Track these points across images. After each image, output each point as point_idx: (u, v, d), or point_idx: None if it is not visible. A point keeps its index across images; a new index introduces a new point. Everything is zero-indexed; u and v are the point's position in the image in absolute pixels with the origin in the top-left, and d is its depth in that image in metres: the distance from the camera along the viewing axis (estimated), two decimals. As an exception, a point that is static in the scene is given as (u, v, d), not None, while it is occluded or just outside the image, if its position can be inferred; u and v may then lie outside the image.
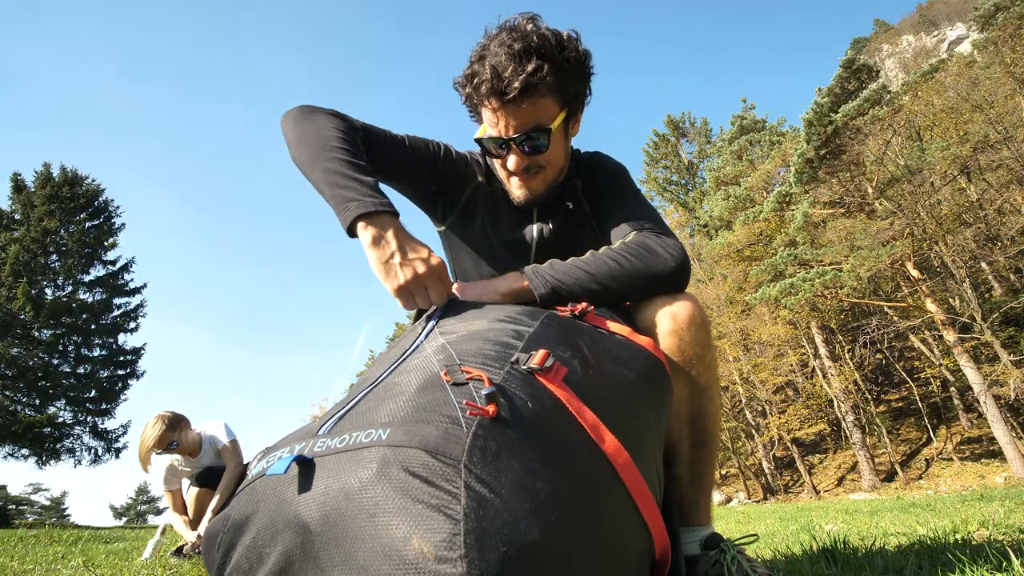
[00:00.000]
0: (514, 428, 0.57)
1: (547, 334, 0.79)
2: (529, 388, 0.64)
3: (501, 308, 0.89)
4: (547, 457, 0.57)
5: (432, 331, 0.83)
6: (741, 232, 18.73)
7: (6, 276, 17.53)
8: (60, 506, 41.44)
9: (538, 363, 0.66)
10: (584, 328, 0.88)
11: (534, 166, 1.17)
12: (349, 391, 0.83)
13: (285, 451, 0.61)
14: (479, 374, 0.63)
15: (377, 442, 0.55)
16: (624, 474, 0.64)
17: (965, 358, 13.33)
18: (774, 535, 2.82)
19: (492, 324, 0.80)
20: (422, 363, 0.71)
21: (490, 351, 0.71)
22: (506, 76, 1.04)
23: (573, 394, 0.66)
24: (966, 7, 41.23)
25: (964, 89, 15.52)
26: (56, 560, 2.51)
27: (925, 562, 1.21)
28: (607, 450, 0.63)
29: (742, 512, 8.48)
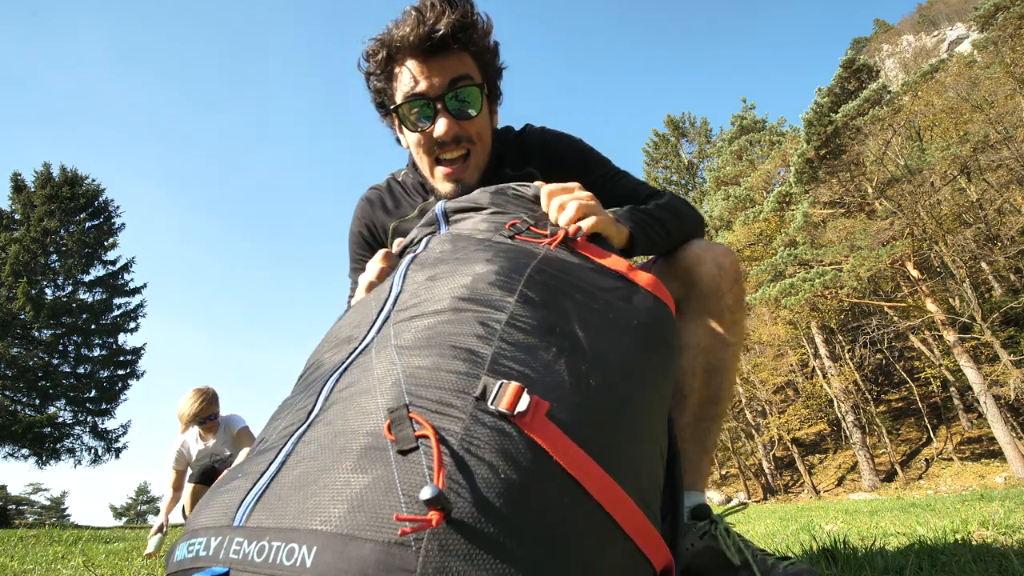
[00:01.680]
0: (485, 521, 0.43)
1: (526, 321, 0.61)
2: (501, 444, 0.48)
3: (464, 264, 0.70)
4: (530, 546, 0.45)
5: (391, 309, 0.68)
6: (741, 232, 18.72)
7: (6, 276, 17.54)
8: (60, 506, 41.43)
9: (508, 406, 0.50)
10: (574, 279, 0.69)
11: (464, 138, 1.03)
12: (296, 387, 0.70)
13: (202, 543, 0.49)
14: (430, 431, 0.47)
15: (299, 572, 0.42)
16: (624, 522, 0.53)
17: (965, 358, 13.33)
18: (774, 535, 2.82)
19: (455, 304, 0.63)
20: (363, 396, 0.55)
21: (448, 375, 0.54)
22: (430, 18, 0.95)
23: (559, 432, 0.51)
24: (966, 7, 41.25)
25: (964, 89, 15.53)
26: (56, 560, 2.51)
27: (925, 562, 1.21)
28: (604, 501, 0.52)
29: (742, 512, 8.47)
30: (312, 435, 0.54)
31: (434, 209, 0.90)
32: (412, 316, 0.64)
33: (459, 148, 1.04)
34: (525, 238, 0.76)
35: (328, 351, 0.69)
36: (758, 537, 2.86)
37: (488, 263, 0.69)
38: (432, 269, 0.71)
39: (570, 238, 0.75)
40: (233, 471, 0.59)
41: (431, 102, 0.99)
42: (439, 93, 0.98)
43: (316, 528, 0.44)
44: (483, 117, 1.05)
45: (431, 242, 0.81)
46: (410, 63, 0.99)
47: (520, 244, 0.74)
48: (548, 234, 0.76)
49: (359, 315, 0.72)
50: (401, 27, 0.96)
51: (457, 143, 1.03)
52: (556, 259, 0.71)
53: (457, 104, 1.00)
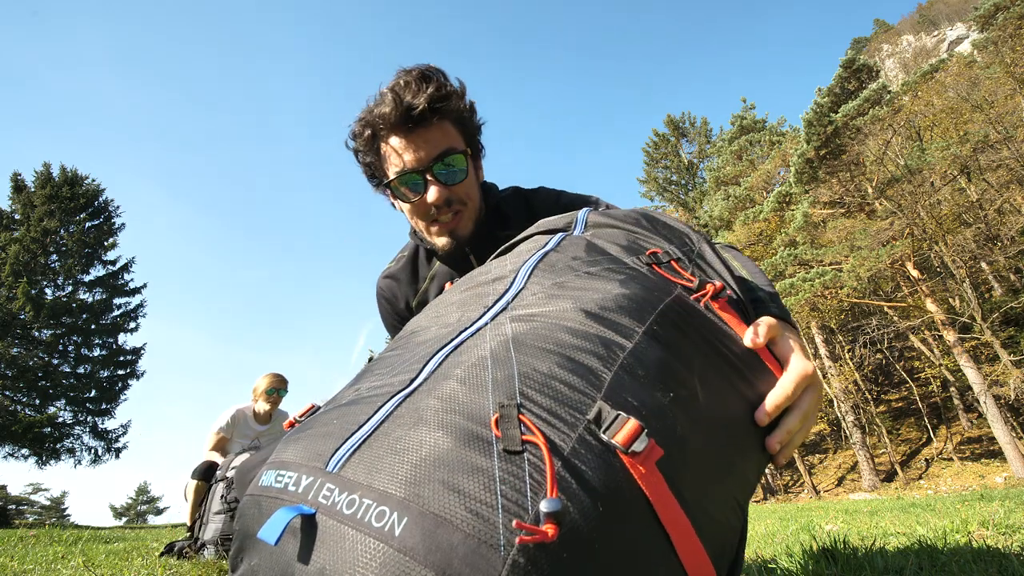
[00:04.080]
0: (574, 544, 0.42)
1: (649, 356, 0.57)
2: (605, 476, 0.46)
3: (600, 279, 0.66)
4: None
5: (513, 297, 0.66)
6: (741, 232, 18.72)
7: (6, 276, 17.53)
8: (60, 506, 41.42)
9: (624, 442, 0.47)
10: (704, 330, 0.65)
11: (455, 200, 1.09)
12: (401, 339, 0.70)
13: (292, 479, 0.50)
14: (540, 441, 0.45)
15: (387, 537, 0.42)
16: (695, 571, 0.50)
17: (965, 358, 13.33)
18: (774, 535, 2.82)
19: (581, 318, 0.59)
20: (475, 376, 0.54)
21: (563, 388, 0.51)
22: (407, 97, 1.01)
23: (664, 484, 0.49)
24: (966, 7, 41.23)
25: (964, 89, 15.52)
26: (56, 560, 2.51)
27: (925, 562, 1.21)
28: (688, 564, 0.49)
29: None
30: (416, 403, 0.53)
31: (577, 213, 0.87)
32: (533, 315, 0.62)
33: (451, 210, 1.10)
34: (664, 272, 0.71)
35: (434, 322, 0.69)
36: (758, 537, 2.86)
37: (622, 285, 0.65)
38: (561, 276, 0.69)
39: (715, 295, 0.68)
40: (327, 409, 0.60)
41: (420, 174, 1.05)
42: (426, 165, 1.04)
43: (407, 496, 0.44)
44: (470, 179, 1.11)
45: (563, 242, 0.78)
46: (394, 140, 1.05)
47: (657, 276, 0.70)
48: (690, 276, 0.71)
49: (472, 295, 0.71)
50: (380, 107, 1.03)
51: (448, 206, 1.09)
52: (690, 305, 0.66)
53: (444, 171, 1.06)
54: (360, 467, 0.48)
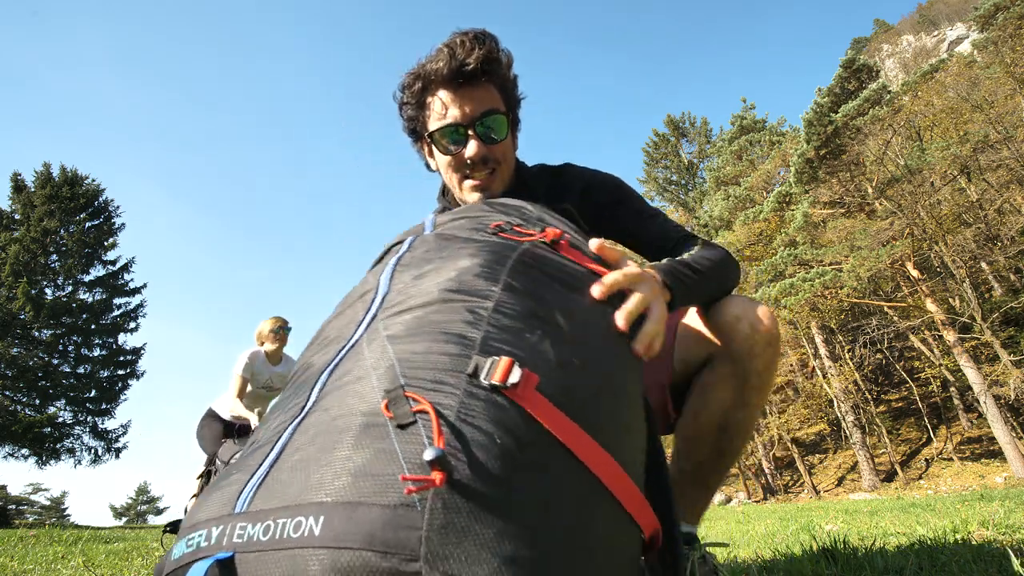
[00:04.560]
0: (484, 482, 0.46)
1: (511, 307, 0.64)
2: (495, 414, 0.51)
3: (450, 261, 0.73)
4: (526, 506, 0.47)
5: (377, 309, 0.69)
6: (741, 232, 18.72)
7: (6, 276, 17.53)
8: (60, 506, 41.41)
9: (501, 378, 0.53)
10: (555, 271, 0.73)
11: (491, 159, 1.14)
12: (287, 388, 0.70)
13: (203, 534, 0.49)
14: (427, 406, 0.49)
15: (308, 542, 0.43)
16: (612, 486, 0.56)
17: (965, 358, 13.33)
18: (774, 535, 2.82)
19: (443, 296, 0.65)
20: (359, 382, 0.57)
21: (441, 357, 0.57)
22: (461, 55, 1.05)
23: (548, 404, 0.54)
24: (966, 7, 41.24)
25: (964, 89, 15.53)
26: (56, 560, 2.51)
27: (925, 562, 1.21)
28: (592, 465, 0.55)
29: (742, 512, 8.48)
30: (308, 423, 0.55)
31: (427, 217, 0.97)
32: (400, 311, 0.66)
33: (487, 167, 1.14)
34: (508, 235, 0.79)
35: (316, 353, 0.70)
36: (758, 537, 2.86)
37: (472, 257, 0.72)
38: (418, 268, 0.74)
39: (556, 240, 0.78)
40: (228, 468, 0.60)
41: (463, 128, 1.09)
42: (469, 121, 1.09)
43: (321, 500, 0.46)
44: (508, 141, 1.16)
45: (415, 242, 0.84)
46: (442, 93, 1.09)
47: (503, 240, 0.77)
48: (531, 231, 0.80)
49: (345, 317, 0.74)
50: (434, 61, 1.07)
51: (484, 163, 1.14)
52: (538, 253, 0.75)
53: (485, 130, 1.11)
54: (266, 497, 0.49)
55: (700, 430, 1.08)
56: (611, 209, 1.20)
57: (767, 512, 7.43)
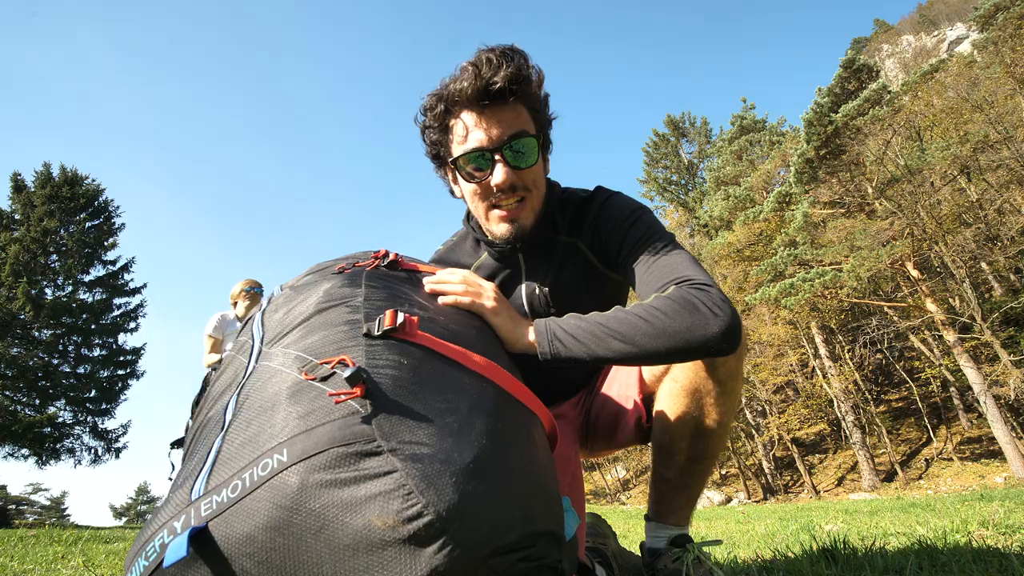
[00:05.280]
0: (402, 386, 0.61)
1: (376, 294, 0.82)
2: (394, 349, 0.67)
3: (313, 291, 0.87)
4: (440, 394, 0.62)
5: (261, 345, 0.80)
6: (741, 232, 18.71)
7: (6, 276, 17.52)
8: (60, 506, 41.39)
9: (390, 323, 0.69)
10: (401, 277, 0.95)
11: (520, 186, 1.05)
12: (189, 441, 0.77)
13: (164, 534, 0.53)
14: (341, 359, 0.63)
15: (279, 467, 0.51)
16: (499, 379, 0.72)
17: (965, 358, 13.32)
18: (774, 535, 2.82)
19: (319, 308, 0.79)
20: (273, 376, 0.67)
21: (337, 334, 0.70)
22: (487, 72, 0.97)
23: (431, 336, 0.72)
24: (966, 7, 41.23)
25: (964, 89, 15.52)
26: (56, 560, 2.51)
27: (925, 562, 1.21)
28: (480, 367, 0.71)
29: (742, 512, 8.48)
30: (235, 424, 0.63)
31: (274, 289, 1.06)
32: (284, 333, 0.78)
33: (515, 195, 1.06)
34: (351, 269, 0.95)
35: (212, 406, 0.77)
36: (758, 537, 2.86)
37: (330, 281, 0.88)
38: (286, 307, 0.87)
39: (392, 261, 0.98)
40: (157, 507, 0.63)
41: (489, 153, 1.01)
42: (496, 145, 1.00)
43: (276, 443, 0.55)
44: (538, 166, 1.07)
45: (272, 299, 0.96)
46: (466, 115, 1.01)
47: (349, 271, 0.94)
48: (367, 262, 0.97)
49: (229, 371, 0.83)
50: (458, 81, 0.99)
51: (513, 191, 1.05)
52: (382, 271, 0.95)
53: (514, 155, 1.02)
54: (222, 472, 0.56)
55: (671, 439, 1.08)
56: (616, 254, 1.11)
57: (767, 512, 7.43)
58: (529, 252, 1.16)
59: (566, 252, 1.16)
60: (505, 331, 0.94)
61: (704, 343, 0.84)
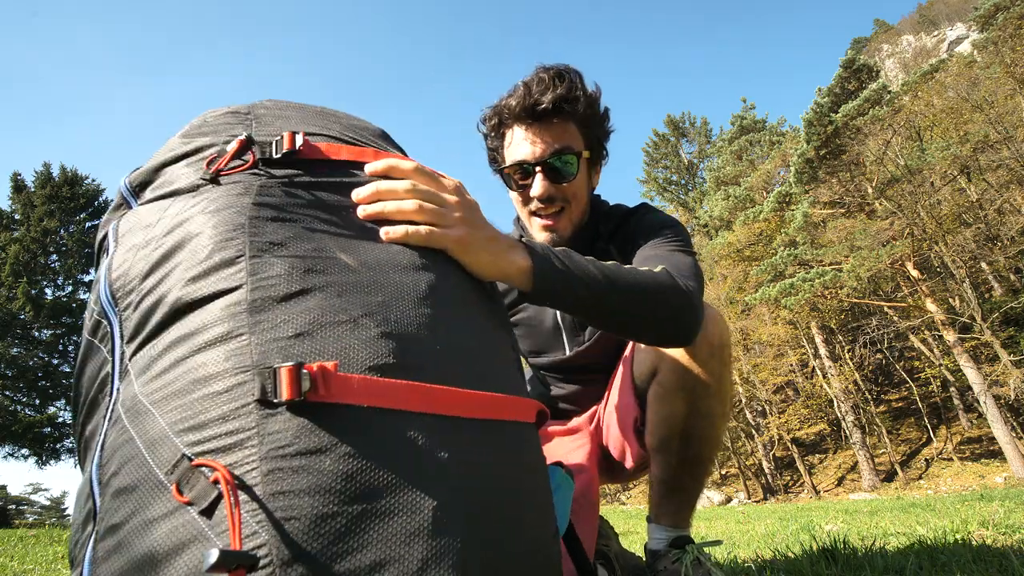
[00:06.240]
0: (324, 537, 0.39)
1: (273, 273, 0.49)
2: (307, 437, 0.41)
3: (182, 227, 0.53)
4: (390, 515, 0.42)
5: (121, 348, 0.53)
6: (741, 232, 18.72)
7: (6, 276, 17.53)
8: (60, 506, 41.40)
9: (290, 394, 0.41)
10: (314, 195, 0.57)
11: (559, 198, 1.13)
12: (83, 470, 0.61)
13: None
14: (220, 473, 0.38)
15: None
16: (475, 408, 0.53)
17: (965, 358, 13.32)
18: (774, 535, 2.82)
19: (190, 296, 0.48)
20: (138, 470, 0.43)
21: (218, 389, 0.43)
22: (537, 91, 1.06)
23: (365, 380, 0.45)
24: (966, 7, 41.23)
25: (964, 89, 15.52)
26: (56, 560, 2.51)
27: (925, 562, 1.21)
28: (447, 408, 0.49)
29: (742, 512, 8.48)
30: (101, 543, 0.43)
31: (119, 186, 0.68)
32: (146, 337, 0.51)
33: (554, 206, 1.14)
34: (228, 172, 0.57)
35: (87, 418, 0.59)
36: (758, 537, 2.86)
37: (204, 216, 0.53)
38: (144, 261, 0.54)
39: (289, 151, 0.58)
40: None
41: (531, 166, 1.10)
42: (539, 159, 1.09)
43: None
44: (579, 181, 1.14)
45: (121, 228, 0.60)
46: (516, 129, 1.12)
47: (227, 185, 0.56)
48: (256, 156, 0.58)
49: (91, 367, 0.60)
50: (511, 98, 1.10)
51: (552, 202, 1.13)
52: (275, 188, 0.55)
53: (555, 169, 1.10)
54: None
55: (662, 442, 1.08)
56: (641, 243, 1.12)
57: (767, 512, 7.43)
58: None
59: (600, 256, 1.18)
60: (480, 267, 0.66)
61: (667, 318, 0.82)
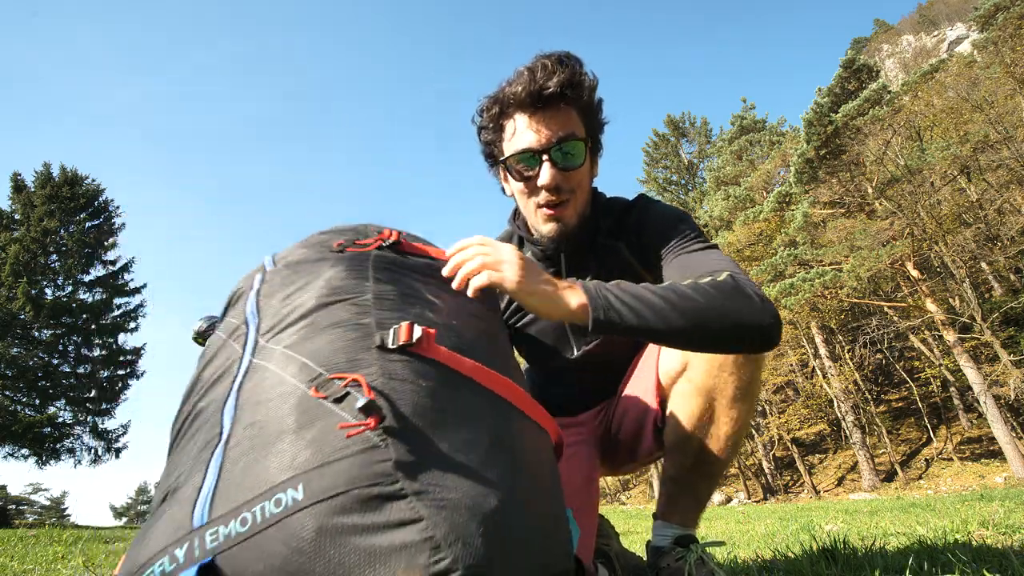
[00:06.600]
0: (422, 415, 0.56)
1: (386, 293, 0.75)
2: (411, 368, 0.62)
3: (313, 276, 0.79)
4: (462, 425, 0.59)
5: (257, 335, 0.72)
6: (741, 232, 18.71)
7: (6, 276, 17.51)
8: (60, 506, 41.39)
9: (406, 338, 0.63)
10: (409, 265, 0.87)
11: (566, 188, 1.09)
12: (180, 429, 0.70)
13: (165, 560, 0.49)
14: (355, 377, 0.57)
15: (295, 507, 0.47)
16: (515, 399, 0.69)
17: (965, 358, 13.31)
18: (774, 535, 2.82)
19: (321, 303, 0.71)
20: (276, 386, 0.61)
21: (346, 342, 0.64)
22: (542, 77, 1.03)
23: (448, 351, 0.66)
24: (966, 7, 41.21)
25: (964, 89, 15.51)
26: (56, 560, 2.51)
27: (925, 562, 1.20)
28: (496, 387, 0.67)
29: (742, 512, 8.47)
30: (237, 438, 0.58)
31: (265, 257, 0.98)
32: (284, 327, 0.71)
33: (560, 196, 1.10)
34: (353, 249, 0.87)
35: (203, 397, 0.71)
36: (758, 537, 2.86)
37: (333, 267, 0.80)
38: (283, 291, 0.79)
39: (395, 241, 0.90)
40: (149, 520, 0.58)
41: (537, 154, 1.06)
42: (545, 146, 1.05)
43: (290, 476, 0.50)
44: (584, 169, 1.12)
45: (266, 276, 0.87)
46: (519, 118, 1.07)
47: (352, 253, 0.86)
48: (370, 240, 0.90)
49: (220, 358, 0.75)
50: (514, 85, 1.05)
51: (559, 191, 1.09)
52: (387, 255, 0.86)
53: (562, 157, 1.07)
54: (227, 500, 0.51)
55: (680, 440, 1.08)
56: (656, 256, 1.12)
57: (767, 512, 7.43)
58: (570, 252, 1.21)
59: (606, 253, 1.21)
60: (540, 306, 0.84)
61: (758, 328, 0.85)
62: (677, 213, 1.17)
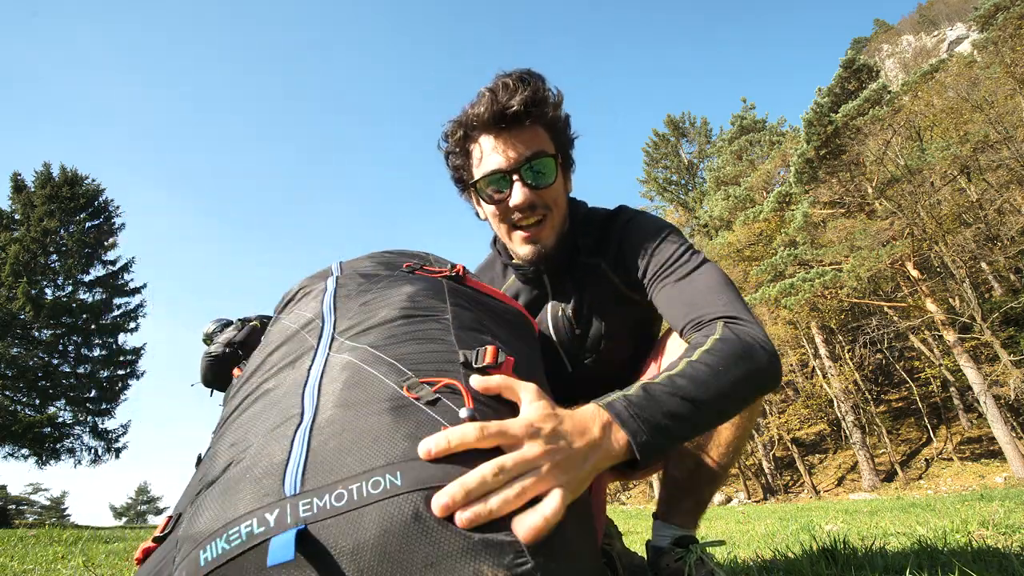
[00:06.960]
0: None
1: (463, 318, 0.81)
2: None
3: (392, 289, 0.86)
4: None
5: (333, 331, 0.77)
6: (741, 232, 18.71)
7: (6, 276, 17.52)
8: (60, 506, 41.39)
9: (491, 360, 0.68)
10: (475, 297, 0.92)
11: (540, 205, 1.07)
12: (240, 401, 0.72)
13: (253, 522, 0.49)
14: (448, 382, 0.62)
15: (394, 491, 0.50)
16: None
17: (965, 358, 13.32)
18: (774, 535, 2.82)
19: (404, 313, 0.77)
20: (366, 380, 0.64)
21: (432, 354, 0.69)
22: (504, 97, 1.01)
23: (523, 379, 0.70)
24: (966, 7, 41.21)
25: (964, 89, 15.51)
26: (56, 560, 2.51)
27: (925, 562, 1.21)
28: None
29: (742, 512, 8.47)
30: (324, 419, 0.60)
31: (331, 264, 1.04)
32: (365, 329, 0.75)
33: (535, 215, 1.08)
34: (423, 273, 0.94)
35: (271, 377, 0.74)
36: (758, 537, 2.86)
37: (412, 285, 0.87)
38: (361, 296, 0.85)
39: (460, 275, 0.96)
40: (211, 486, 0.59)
41: (507, 175, 1.04)
42: (514, 166, 1.03)
43: (387, 462, 0.53)
44: (558, 185, 1.09)
45: (340, 280, 0.93)
46: (485, 140, 1.05)
47: (423, 276, 0.92)
48: (439, 269, 0.96)
49: (292, 345, 0.79)
50: (476, 107, 1.03)
51: (532, 210, 1.07)
52: (455, 285, 0.93)
53: (532, 175, 1.04)
54: (321, 475, 0.53)
55: (686, 445, 1.09)
56: (641, 277, 1.11)
57: (767, 512, 7.43)
58: (552, 274, 1.20)
59: (587, 273, 1.18)
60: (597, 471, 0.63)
61: (768, 379, 0.84)
62: (659, 225, 1.13)
